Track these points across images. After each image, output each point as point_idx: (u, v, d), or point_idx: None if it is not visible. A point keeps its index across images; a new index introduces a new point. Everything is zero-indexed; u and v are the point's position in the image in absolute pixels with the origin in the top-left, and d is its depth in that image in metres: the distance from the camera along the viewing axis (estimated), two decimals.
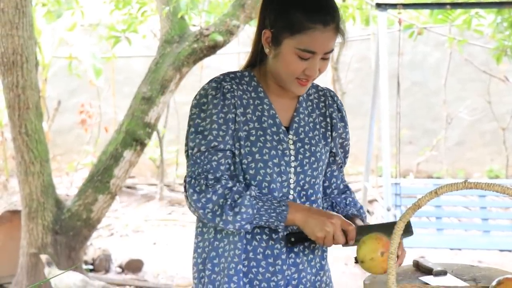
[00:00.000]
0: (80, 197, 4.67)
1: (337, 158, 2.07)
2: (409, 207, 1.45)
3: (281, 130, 1.95)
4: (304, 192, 1.97)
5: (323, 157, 2.01)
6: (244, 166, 1.92)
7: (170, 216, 7.59)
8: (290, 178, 1.94)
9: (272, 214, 1.87)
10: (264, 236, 1.93)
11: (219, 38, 4.63)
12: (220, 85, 1.94)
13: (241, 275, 1.92)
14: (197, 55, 4.72)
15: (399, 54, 5.04)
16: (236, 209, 1.84)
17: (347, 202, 2.07)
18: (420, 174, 9.01)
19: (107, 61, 7.54)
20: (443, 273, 1.91)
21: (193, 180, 1.90)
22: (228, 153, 1.91)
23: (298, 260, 1.95)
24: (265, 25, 1.92)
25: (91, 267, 5.43)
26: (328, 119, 2.04)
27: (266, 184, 1.92)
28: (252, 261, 1.93)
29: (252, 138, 1.93)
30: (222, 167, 1.90)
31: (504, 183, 4.95)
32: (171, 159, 8.83)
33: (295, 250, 1.95)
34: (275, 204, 1.87)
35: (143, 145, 4.72)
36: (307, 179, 1.96)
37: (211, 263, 1.94)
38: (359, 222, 1.98)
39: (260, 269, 1.93)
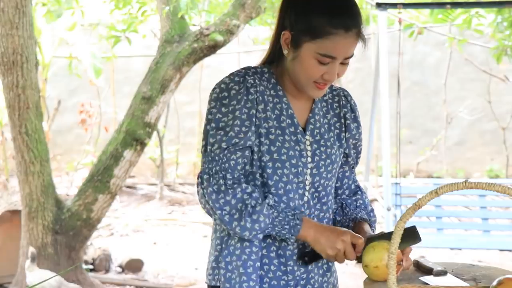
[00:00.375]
0: (80, 196, 4.67)
1: (349, 159, 2.06)
2: (410, 207, 1.45)
3: (298, 130, 1.93)
4: (317, 194, 1.95)
5: (337, 159, 1.99)
6: (263, 164, 1.89)
7: (170, 215, 7.59)
8: (306, 179, 1.93)
9: (286, 226, 1.85)
10: (276, 243, 1.92)
11: (219, 38, 4.63)
12: (243, 79, 1.89)
13: (254, 275, 1.90)
14: (197, 55, 4.72)
15: (399, 53, 5.04)
16: (254, 217, 1.83)
17: (358, 204, 2.05)
18: (420, 174, 9.01)
19: (107, 60, 7.54)
20: (443, 273, 1.91)
21: (211, 178, 1.86)
22: (247, 152, 1.88)
23: (309, 268, 1.95)
24: (285, 26, 1.88)
25: (91, 266, 5.43)
26: (342, 120, 2.02)
27: (283, 185, 1.90)
28: (265, 258, 1.92)
29: (272, 137, 1.90)
30: (239, 167, 1.87)
31: (504, 183, 4.96)
32: (171, 159, 8.83)
33: (306, 251, 1.94)
34: (290, 217, 1.86)
35: (143, 144, 4.72)
36: (322, 181, 1.95)
37: (224, 261, 1.92)
38: (367, 227, 1.97)
39: (272, 267, 1.92)
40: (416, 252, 5.77)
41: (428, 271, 1.94)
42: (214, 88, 1.91)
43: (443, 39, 7.87)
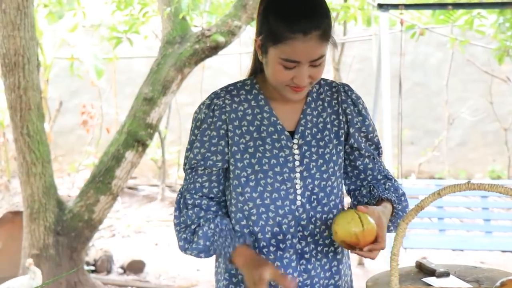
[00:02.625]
0: (82, 198, 4.67)
1: (362, 152, 2.01)
2: (412, 209, 1.44)
3: (283, 136, 1.92)
4: (314, 196, 1.93)
5: (334, 157, 1.95)
6: (244, 179, 1.90)
7: (172, 217, 7.57)
8: (296, 184, 1.91)
9: (222, 252, 1.89)
10: (271, 248, 1.91)
11: (221, 39, 4.63)
12: (211, 102, 1.94)
13: None
14: (199, 56, 4.71)
15: (401, 54, 5.03)
16: (195, 238, 1.91)
17: (386, 186, 2.00)
18: (421, 175, 9.00)
19: (109, 61, 7.54)
20: (446, 274, 1.91)
21: (179, 196, 1.99)
22: (214, 174, 1.94)
23: (309, 266, 1.93)
24: (256, 32, 1.89)
25: (92, 268, 5.43)
26: (341, 116, 1.98)
27: (268, 195, 1.90)
28: None
29: (251, 150, 1.91)
30: (205, 190, 1.95)
31: (506, 184, 4.95)
32: (172, 160, 8.83)
33: (306, 256, 1.92)
34: (227, 243, 1.87)
35: (144, 146, 4.72)
36: (316, 182, 1.93)
37: (229, 273, 1.96)
38: (385, 206, 1.93)
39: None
40: (418, 253, 5.77)
41: (431, 272, 1.93)
42: (196, 110, 1.99)
43: (444, 40, 7.86)
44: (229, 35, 4.69)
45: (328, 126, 1.96)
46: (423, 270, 1.97)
